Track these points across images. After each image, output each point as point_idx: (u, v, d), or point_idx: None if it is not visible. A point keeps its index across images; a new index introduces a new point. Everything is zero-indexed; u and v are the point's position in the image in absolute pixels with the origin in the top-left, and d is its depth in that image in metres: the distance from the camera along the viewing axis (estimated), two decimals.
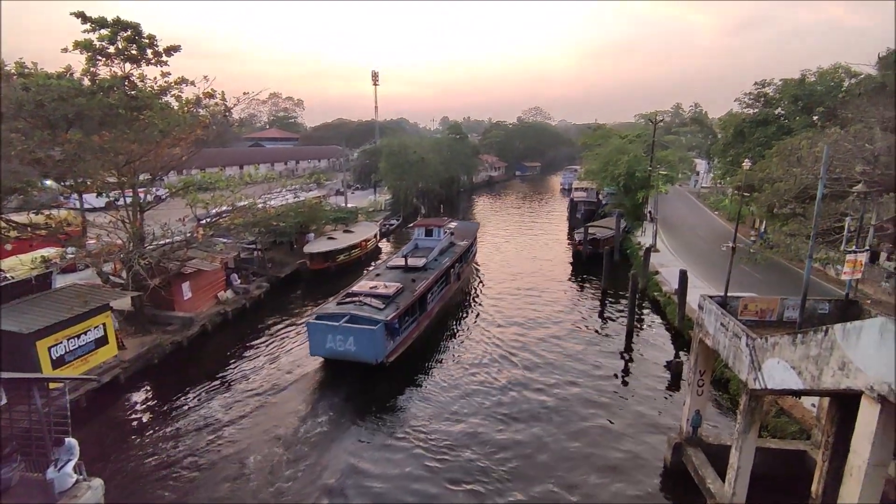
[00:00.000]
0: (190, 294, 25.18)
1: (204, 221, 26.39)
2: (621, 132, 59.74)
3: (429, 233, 33.37)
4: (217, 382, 20.20)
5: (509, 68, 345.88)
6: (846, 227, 19.10)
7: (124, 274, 22.23)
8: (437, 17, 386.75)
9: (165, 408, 18.36)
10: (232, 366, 21.75)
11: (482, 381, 20.51)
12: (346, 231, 40.03)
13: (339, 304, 22.06)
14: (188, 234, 24.20)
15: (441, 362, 22.41)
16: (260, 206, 27.70)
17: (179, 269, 23.45)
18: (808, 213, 21.10)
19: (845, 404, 10.59)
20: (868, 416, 8.20)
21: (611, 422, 17.68)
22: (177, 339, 22.86)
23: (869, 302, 21.80)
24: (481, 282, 34.91)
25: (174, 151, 24.33)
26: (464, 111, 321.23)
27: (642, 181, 40.68)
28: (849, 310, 14.50)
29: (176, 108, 25.37)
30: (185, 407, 18.38)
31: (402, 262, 28.11)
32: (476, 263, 38.55)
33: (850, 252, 13.92)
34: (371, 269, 30.63)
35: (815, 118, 37.76)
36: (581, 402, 18.90)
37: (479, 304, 30.12)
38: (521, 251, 43.85)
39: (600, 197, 58.36)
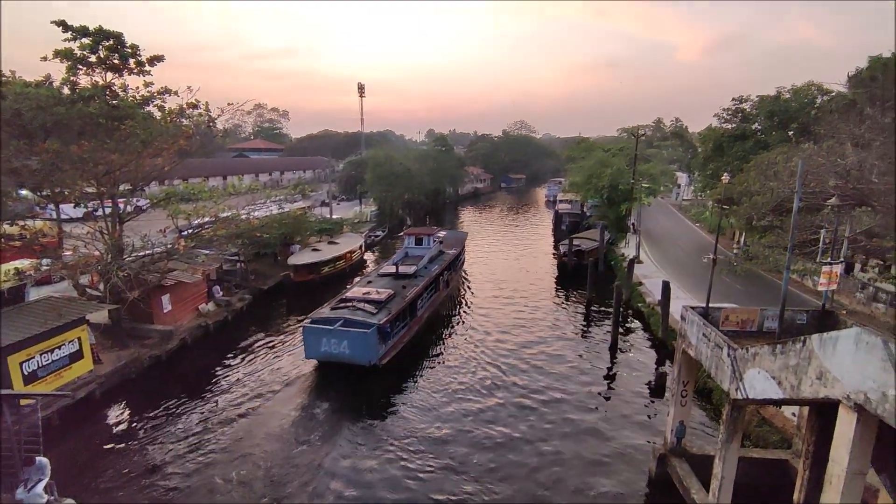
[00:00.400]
0: (170, 306, 24.67)
1: (186, 233, 25.97)
2: (605, 145, 60.79)
3: (419, 241, 33.94)
4: (196, 397, 19.72)
5: (496, 82, 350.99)
6: (821, 239, 19.63)
7: (101, 286, 21.72)
8: (425, 30, 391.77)
9: (142, 424, 17.84)
10: (212, 379, 21.28)
11: (469, 385, 21.00)
12: (330, 242, 39.74)
13: (333, 309, 22.80)
14: (169, 246, 23.77)
15: (431, 366, 23.04)
16: (243, 217, 27.40)
17: (159, 281, 22.99)
18: (786, 226, 21.62)
19: (824, 413, 10.77)
20: (846, 425, 8.34)
21: (596, 432, 17.70)
22: (155, 352, 22.32)
23: (845, 312, 22.31)
24: (469, 290, 35.46)
25: (156, 162, 23.99)
26: (450, 124, 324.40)
27: (625, 193, 41.32)
28: (826, 320, 14.81)
29: (159, 118, 25.11)
30: (163, 422, 17.89)
31: (393, 269, 28.81)
32: (465, 272, 39.36)
33: (825, 263, 14.30)
34: (362, 276, 31.37)
35: (790, 133, 38.96)
36: (566, 412, 18.92)
37: (467, 312, 30.61)
38: (507, 262, 44.03)
39: (584, 209, 59.08)
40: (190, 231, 26.43)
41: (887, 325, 23.27)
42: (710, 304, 16.17)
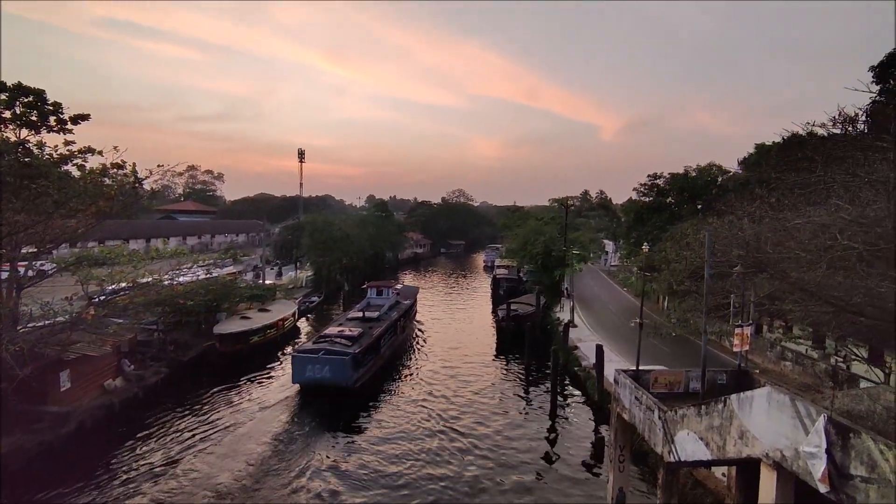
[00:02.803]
0: (69, 384, 21.81)
1: (97, 300, 23.69)
2: (538, 214, 64.28)
3: (379, 292, 40.57)
4: (90, 487, 17.07)
5: (434, 154, 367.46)
6: (732, 303, 21.39)
7: None
8: (365, 100, 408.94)
9: None
10: (110, 466, 18.63)
11: (420, 419, 24.03)
12: (261, 310, 37.78)
13: (314, 343, 28.04)
14: (75, 315, 21.45)
15: (392, 391, 28.20)
16: (166, 283, 25.57)
17: (59, 355, 20.44)
18: (701, 291, 23.44)
19: (750, 472, 11.16)
20: (768, 483, 8.67)
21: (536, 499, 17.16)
22: (46, 438, 19.33)
23: (758, 372, 23.91)
24: (420, 345, 38.39)
25: (69, 223, 22.19)
26: (390, 190, 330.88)
27: (558, 260, 43.33)
28: (742, 380, 15.79)
29: (77, 177, 23.57)
30: None
31: (360, 314, 34.84)
32: (417, 321, 44.32)
33: (737, 326, 15.48)
34: (336, 318, 37.60)
35: (699, 207, 43.37)
36: (505, 484, 18.26)
37: (419, 355, 35.19)
38: (447, 328, 43.82)
39: (521, 274, 61.01)
40: (102, 298, 24.14)
41: (796, 381, 25.20)
42: (641, 367, 16.81)
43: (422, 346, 37.51)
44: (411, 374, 30.98)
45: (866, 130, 22.70)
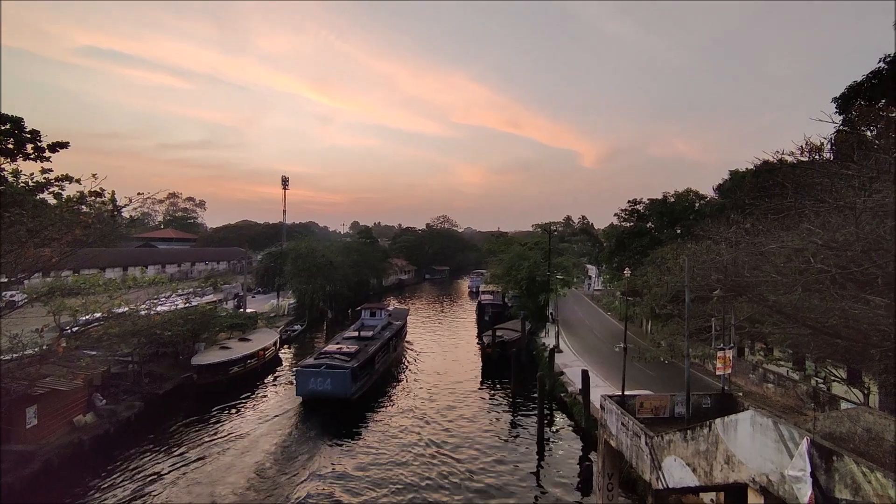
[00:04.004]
0: (35, 421, 20.81)
1: (69, 331, 22.89)
2: (522, 240, 64.95)
3: (373, 314, 44.02)
4: None
5: (418, 181, 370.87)
6: (713, 326, 21.66)
7: None
8: (350, 128, 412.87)
9: None
10: None
11: (408, 445, 24.17)
12: (242, 339, 36.91)
13: (315, 359, 30.53)
14: (45, 347, 20.66)
15: (386, 404, 30.19)
16: (143, 312, 24.89)
17: (26, 390, 19.56)
18: (683, 314, 23.74)
19: (738, 497, 11.08)
20: None
21: None
22: (6, 480, 18.26)
23: (741, 395, 24.08)
24: (410, 363, 40.43)
25: (43, 252, 21.58)
26: (375, 216, 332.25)
27: (543, 285, 43.57)
28: (726, 402, 15.87)
29: (54, 205, 23.08)
30: None
31: (356, 333, 37.73)
32: (408, 342, 46.97)
33: (719, 349, 15.64)
34: (335, 336, 40.14)
35: (678, 231, 44.32)
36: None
37: (408, 381, 35.65)
38: (433, 355, 43.28)
39: (506, 300, 61.04)
40: (74, 329, 23.35)
41: (778, 403, 25.40)
42: (626, 392, 16.78)
43: (411, 365, 39.87)
44: (402, 390, 33.12)
45: (832, 158, 23.70)
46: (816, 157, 23.93)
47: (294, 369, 30.25)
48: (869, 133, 22.97)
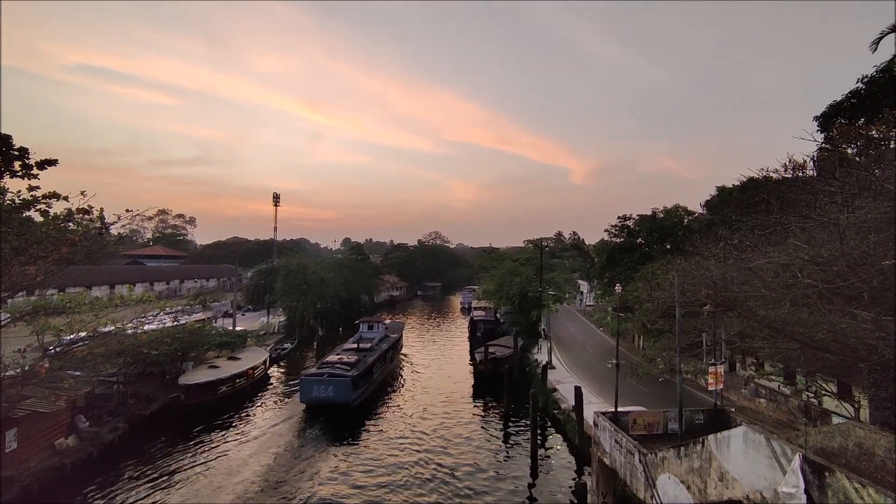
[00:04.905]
0: (15, 444, 20.21)
1: (52, 351, 22.37)
2: (513, 255, 65.07)
3: (370, 327, 46.41)
4: None
5: (409, 197, 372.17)
6: (704, 341, 21.76)
7: None
8: (339, 145, 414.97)
9: None
10: None
11: (401, 465, 24.19)
12: (231, 358, 36.32)
13: (318, 368, 32.71)
14: (27, 368, 20.16)
15: (384, 411, 31.89)
16: (129, 331, 24.43)
17: (6, 412, 19.02)
18: (675, 329, 23.83)
19: None
20: None
21: None
22: None
23: (734, 410, 24.07)
24: (405, 374, 42.12)
25: (28, 270, 21.21)
26: (367, 233, 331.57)
27: (535, 301, 43.55)
28: (719, 418, 15.85)
29: (40, 223, 22.77)
30: None
31: (355, 345, 39.69)
32: (403, 354, 48.95)
33: (710, 364, 15.69)
34: (335, 348, 41.62)
35: (667, 247, 44.75)
36: None
37: (403, 392, 37.16)
38: (426, 372, 42.88)
39: (498, 316, 60.86)
40: (58, 349, 22.83)
41: (770, 418, 25.41)
42: (619, 409, 16.71)
43: (407, 377, 41.48)
44: (398, 400, 34.64)
45: (815, 175, 24.22)
46: (800, 174, 24.44)
47: (299, 377, 32.79)
48: (850, 151, 23.56)
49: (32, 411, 20.51)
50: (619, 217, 50.05)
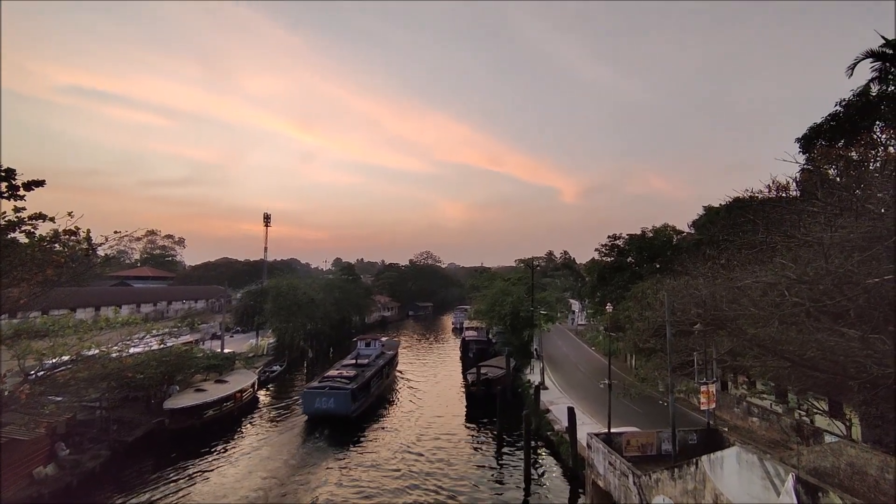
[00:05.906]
0: None
1: (33, 375, 21.78)
2: (505, 275, 65.17)
3: (368, 344, 49.52)
4: None
5: (401, 217, 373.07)
6: (695, 360, 21.80)
7: None
8: (330, 165, 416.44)
9: None
10: None
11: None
12: (218, 381, 35.62)
13: (319, 382, 34.92)
14: (7, 394, 19.59)
15: (382, 424, 33.36)
16: (114, 355, 23.93)
17: None
18: (666, 348, 23.86)
19: None
20: None
21: None
22: None
23: (726, 430, 23.97)
24: (400, 390, 43.70)
25: (11, 293, 20.79)
26: (358, 253, 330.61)
27: (526, 320, 43.46)
28: (712, 438, 15.78)
29: (25, 244, 22.43)
30: None
31: (353, 361, 41.89)
32: (399, 371, 50.82)
33: (702, 383, 15.69)
34: (334, 364, 44.05)
35: (657, 266, 45.14)
36: None
37: (399, 406, 38.58)
38: (418, 394, 42.33)
39: (490, 336, 60.58)
40: (40, 374, 22.23)
41: (763, 437, 25.33)
42: (613, 430, 16.57)
43: (401, 393, 42.89)
44: (393, 415, 35.82)
45: (798, 195, 24.74)
46: (784, 194, 24.96)
47: (301, 391, 35.36)
48: (831, 172, 24.18)
49: (11, 439, 19.86)
50: (608, 236, 50.62)
